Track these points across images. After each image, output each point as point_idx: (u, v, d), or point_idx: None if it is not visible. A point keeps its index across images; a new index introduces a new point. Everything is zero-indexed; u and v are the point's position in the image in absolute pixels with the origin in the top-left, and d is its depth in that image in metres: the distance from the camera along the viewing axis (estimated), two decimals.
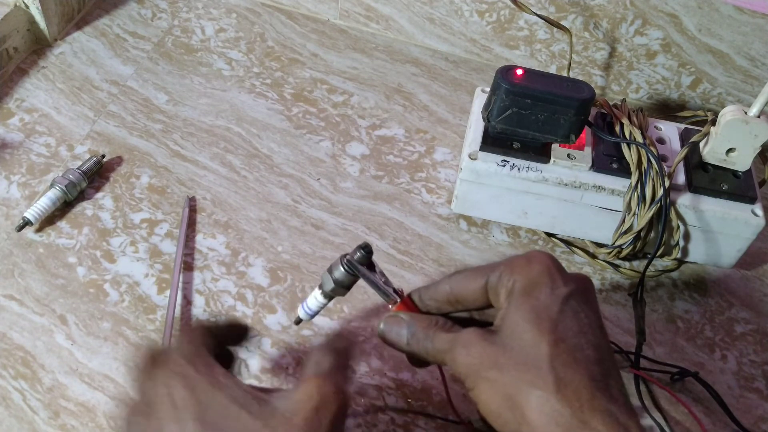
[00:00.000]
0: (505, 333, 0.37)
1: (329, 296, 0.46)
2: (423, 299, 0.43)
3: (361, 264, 0.44)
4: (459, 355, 0.38)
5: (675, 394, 0.52)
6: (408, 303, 0.43)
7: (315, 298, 0.46)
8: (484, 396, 0.37)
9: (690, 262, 0.61)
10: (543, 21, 0.68)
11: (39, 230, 0.57)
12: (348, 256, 0.44)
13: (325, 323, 0.54)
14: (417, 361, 0.43)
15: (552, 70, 0.75)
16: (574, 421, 0.34)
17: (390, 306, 0.44)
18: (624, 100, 0.61)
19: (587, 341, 0.37)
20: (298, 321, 0.47)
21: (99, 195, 0.60)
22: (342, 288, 0.45)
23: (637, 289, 0.57)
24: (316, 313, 0.47)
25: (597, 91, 0.58)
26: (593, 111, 0.59)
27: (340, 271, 0.44)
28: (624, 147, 0.56)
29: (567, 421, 0.34)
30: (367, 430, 0.49)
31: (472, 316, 0.43)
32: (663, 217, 0.55)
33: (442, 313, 0.43)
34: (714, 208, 0.56)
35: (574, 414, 0.34)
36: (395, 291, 0.44)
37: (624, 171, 0.56)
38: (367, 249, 0.43)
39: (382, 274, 0.44)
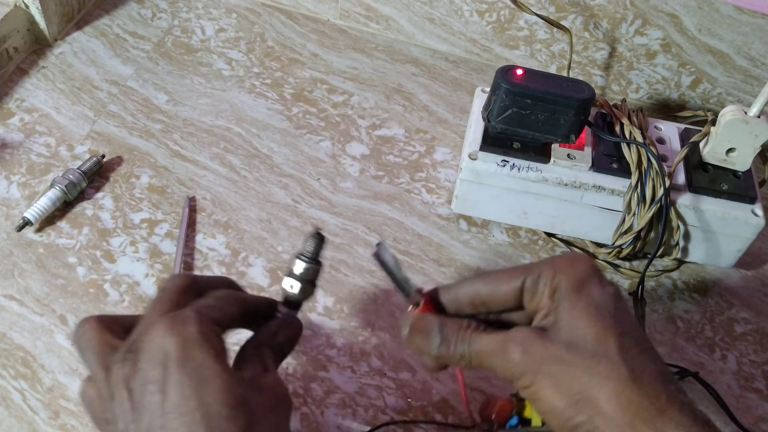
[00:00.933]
0: (563, 329, 0.36)
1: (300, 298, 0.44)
2: (442, 301, 0.40)
3: (316, 253, 0.43)
4: (513, 354, 0.37)
5: None
6: (429, 304, 0.40)
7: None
8: (547, 391, 0.36)
9: (690, 262, 0.61)
10: (543, 21, 0.68)
11: (39, 230, 0.57)
12: (305, 254, 0.43)
13: (325, 323, 0.54)
14: (436, 365, 0.41)
15: (552, 70, 0.75)
16: (652, 410, 0.34)
17: (410, 307, 0.40)
18: (624, 100, 0.61)
19: (645, 335, 0.37)
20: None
21: (99, 195, 0.60)
22: (310, 285, 0.43)
23: (637, 288, 0.57)
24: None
25: (597, 91, 0.58)
26: (593, 111, 0.59)
27: (302, 267, 0.43)
28: (624, 147, 0.56)
29: (645, 411, 0.34)
30: (367, 430, 0.49)
31: (494, 320, 0.41)
32: (663, 217, 0.55)
33: (462, 316, 0.41)
34: (714, 208, 0.56)
35: (652, 404, 0.34)
36: (417, 290, 0.40)
37: (624, 171, 0.56)
38: (318, 236, 0.43)
39: (400, 269, 0.41)
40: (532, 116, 0.54)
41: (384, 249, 0.40)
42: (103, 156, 0.62)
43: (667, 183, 0.54)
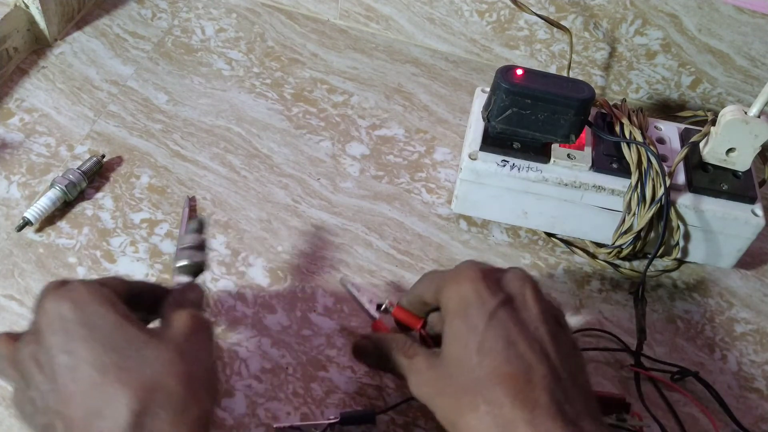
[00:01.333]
0: (444, 356, 0.39)
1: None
2: (409, 301, 0.46)
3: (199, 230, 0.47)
4: (413, 384, 0.40)
5: (685, 392, 0.52)
6: (381, 324, 0.48)
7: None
8: (439, 422, 0.38)
9: (690, 262, 0.61)
10: (543, 21, 0.68)
11: (39, 230, 0.57)
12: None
13: (325, 323, 0.54)
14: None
15: (552, 70, 0.75)
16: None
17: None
18: (624, 100, 0.61)
19: (517, 351, 0.37)
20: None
21: (99, 195, 0.60)
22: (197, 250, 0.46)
23: (638, 287, 0.57)
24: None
25: (597, 91, 0.58)
26: (593, 111, 0.59)
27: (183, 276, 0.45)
28: (624, 147, 0.56)
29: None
30: (367, 429, 0.49)
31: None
32: (664, 216, 0.55)
33: (427, 312, 0.46)
34: (714, 208, 0.56)
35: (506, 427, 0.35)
36: (379, 307, 0.49)
37: (624, 171, 0.56)
38: (200, 223, 0.46)
39: (359, 291, 0.50)
40: (532, 116, 0.54)
41: (345, 283, 0.51)
42: (103, 156, 0.62)
43: (668, 182, 0.54)
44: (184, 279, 0.45)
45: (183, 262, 0.45)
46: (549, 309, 0.40)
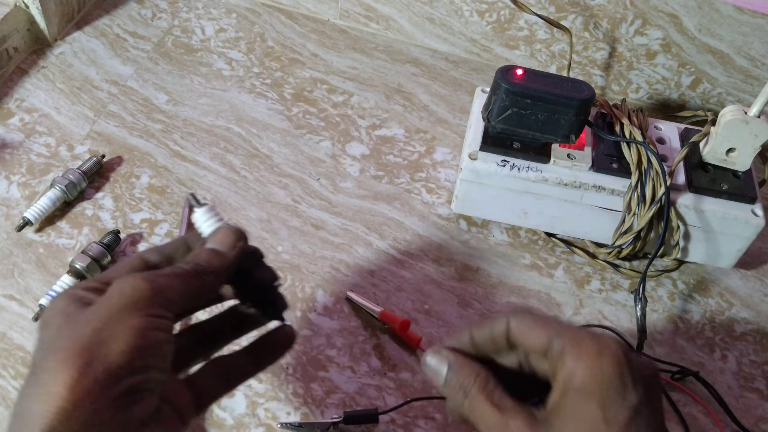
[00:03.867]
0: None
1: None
2: (475, 338, 0.38)
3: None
4: None
5: (689, 391, 0.52)
6: (387, 312, 0.42)
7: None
8: None
9: (690, 262, 0.61)
10: (543, 21, 0.68)
11: (39, 230, 0.57)
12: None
13: (325, 323, 0.54)
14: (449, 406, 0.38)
15: (552, 70, 0.75)
16: None
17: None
18: (624, 100, 0.61)
19: None
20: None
21: (99, 195, 0.60)
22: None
23: (639, 286, 0.57)
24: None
25: (597, 91, 0.58)
26: (593, 111, 0.59)
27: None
28: (624, 147, 0.56)
29: None
30: (367, 429, 0.49)
31: (525, 365, 0.38)
32: (665, 217, 0.55)
33: (497, 351, 0.38)
34: (714, 208, 0.56)
35: None
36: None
37: (624, 171, 0.56)
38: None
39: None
40: (532, 116, 0.54)
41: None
42: (103, 156, 0.62)
43: (668, 181, 0.54)
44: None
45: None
46: (663, 419, 0.36)
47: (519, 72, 0.54)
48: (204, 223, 0.38)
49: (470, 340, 0.37)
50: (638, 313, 0.55)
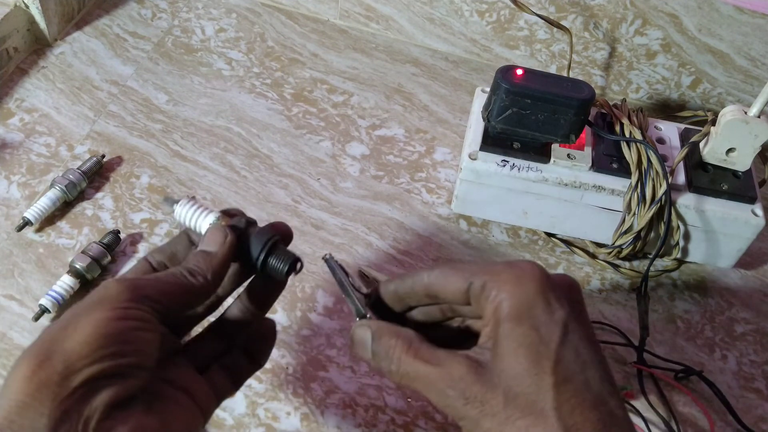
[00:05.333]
0: (500, 370, 0.33)
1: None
2: (399, 292, 0.38)
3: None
4: (450, 395, 0.33)
5: (688, 391, 0.52)
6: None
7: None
8: None
9: (690, 262, 0.61)
10: (543, 21, 0.68)
11: (39, 230, 0.57)
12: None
13: (325, 323, 0.54)
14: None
15: (552, 70, 0.75)
16: None
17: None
18: (624, 100, 0.61)
19: (592, 374, 0.33)
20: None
21: (99, 195, 0.60)
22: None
23: (640, 285, 0.57)
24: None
25: (597, 91, 0.58)
26: (593, 111, 0.59)
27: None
28: (624, 147, 0.56)
29: None
30: (367, 430, 0.49)
31: (450, 315, 0.39)
32: (667, 216, 0.55)
33: (422, 306, 0.38)
34: (714, 208, 0.56)
35: None
36: (366, 295, 0.39)
37: (624, 171, 0.56)
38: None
39: (348, 280, 0.40)
40: (532, 116, 0.54)
41: (331, 262, 0.41)
42: (103, 156, 0.62)
43: (669, 179, 0.54)
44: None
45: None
46: (590, 324, 0.36)
47: (519, 72, 0.54)
48: (190, 219, 0.40)
49: (395, 293, 0.38)
50: (640, 311, 0.55)
